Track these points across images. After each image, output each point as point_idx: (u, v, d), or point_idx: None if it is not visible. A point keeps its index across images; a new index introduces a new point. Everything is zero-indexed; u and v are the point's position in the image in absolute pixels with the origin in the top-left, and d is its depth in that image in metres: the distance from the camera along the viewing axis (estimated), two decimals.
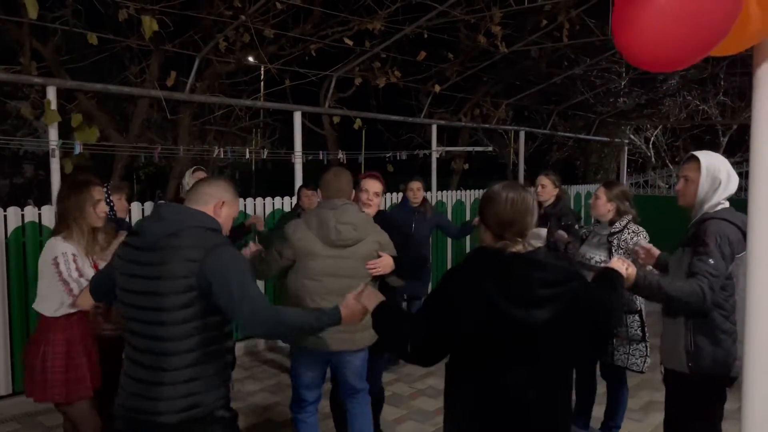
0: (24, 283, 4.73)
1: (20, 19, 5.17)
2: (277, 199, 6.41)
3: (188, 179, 4.60)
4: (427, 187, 8.36)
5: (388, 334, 2.31)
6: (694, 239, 2.85)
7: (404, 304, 5.72)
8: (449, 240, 8.28)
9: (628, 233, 3.92)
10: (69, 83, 5.29)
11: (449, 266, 8.50)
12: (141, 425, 2.23)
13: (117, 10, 5.27)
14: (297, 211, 5.32)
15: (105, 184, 3.59)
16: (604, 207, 3.95)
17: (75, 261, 3.07)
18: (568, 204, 5.52)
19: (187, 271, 2.16)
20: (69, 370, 3.11)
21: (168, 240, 2.22)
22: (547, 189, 5.13)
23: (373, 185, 3.80)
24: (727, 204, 3.00)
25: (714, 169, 2.94)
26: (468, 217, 8.78)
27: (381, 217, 3.75)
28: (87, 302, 3.03)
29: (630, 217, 3.99)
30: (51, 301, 3.09)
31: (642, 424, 4.69)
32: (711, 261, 2.73)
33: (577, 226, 5.03)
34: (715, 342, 2.83)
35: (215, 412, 2.26)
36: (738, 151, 14.61)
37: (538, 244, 2.29)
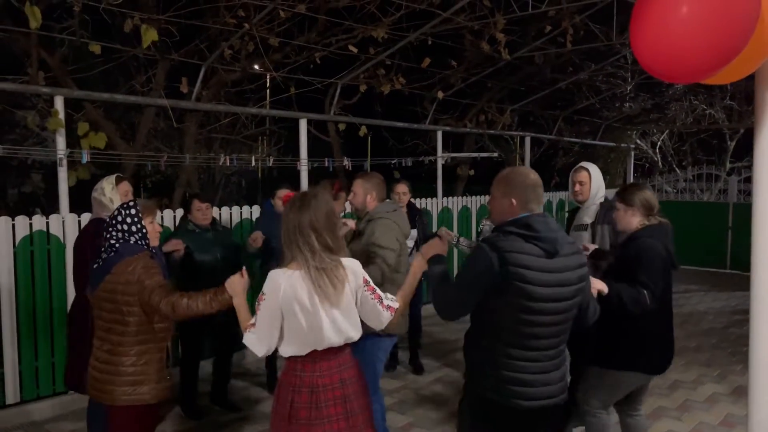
0: (32, 292, 4.75)
1: (28, 30, 5.22)
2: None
3: (110, 192, 3.72)
4: (433, 193, 8.38)
5: None
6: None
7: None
8: None
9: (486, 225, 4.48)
10: (76, 93, 5.33)
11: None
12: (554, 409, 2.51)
13: (123, 21, 5.30)
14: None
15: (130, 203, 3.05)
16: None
17: None
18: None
19: None
20: None
21: None
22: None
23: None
24: None
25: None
26: (474, 223, 8.76)
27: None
28: None
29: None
30: None
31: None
32: None
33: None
34: None
35: None
36: (746, 155, 14.53)
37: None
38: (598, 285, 2.95)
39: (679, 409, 4.87)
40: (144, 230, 2.87)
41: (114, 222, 2.85)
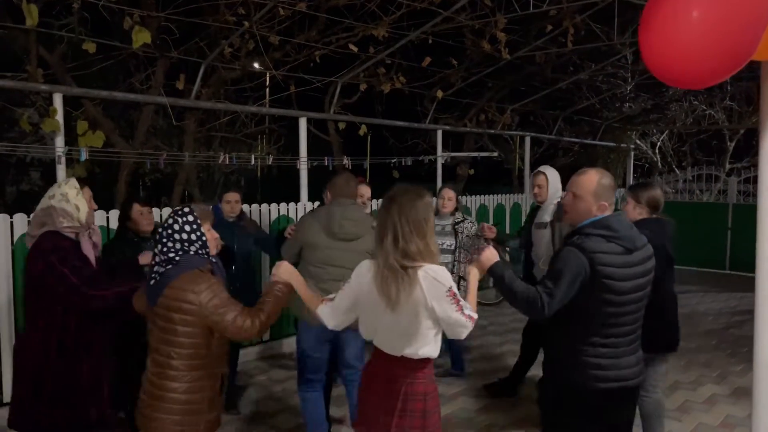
0: None
1: (26, 27, 5.20)
2: (283, 205, 6.40)
3: (75, 198, 3.06)
4: (433, 193, 8.35)
5: None
6: None
7: None
8: None
9: (468, 222, 5.24)
10: (75, 90, 5.30)
11: None
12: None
13: (122, 18, 5.28)
14: None
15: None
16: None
17: None
18: None
19: None
20: None
21: None
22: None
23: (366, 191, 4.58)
24: None
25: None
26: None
27: None
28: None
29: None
30: None
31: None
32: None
33: None
34: None
35: None
36: (745, 155, 14.53)
37: None
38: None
39: (678, 410, 4.86)
40: (204, 238, 2.59)
41: (170, 231, 2.54)
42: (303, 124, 6.73)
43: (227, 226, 4.64)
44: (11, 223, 4.65)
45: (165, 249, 2.53)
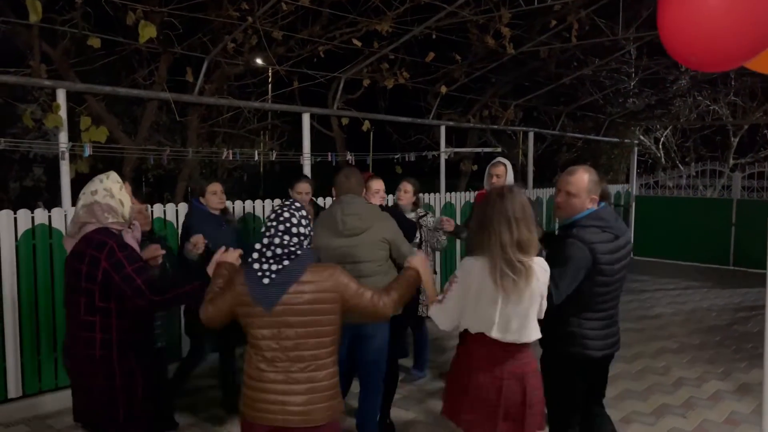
0: (34, 286, 4.74)
1: (30, 22, 5.19)
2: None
3: (119, 193, 2.89)
4: (436, 189, 8.34)
5: None
6: None
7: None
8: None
9: (429, 217, 5.27)
10: (78, 86, 5.30)
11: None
12: None
13: (126, 13, 5.27)
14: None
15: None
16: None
17: None
18: None
19: None
20: None
21: None
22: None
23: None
24: None
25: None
26: None
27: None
28: None
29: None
30: None
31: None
32: None
33: None
34: None
35: None
36: (749, 151, 14.50)
37: None
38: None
39: (683, 407, 4.85)
40: (311, 232, 2.62)
41: (288, 225, 2.50)
42: (306, 119, 6.72)
43: (214, 220, 4.47)
44: (15, 219, 4.66)
45: (282, 242, 2.47)
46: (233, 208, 5.95)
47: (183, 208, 5.59)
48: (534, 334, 2.63)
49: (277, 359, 2.46)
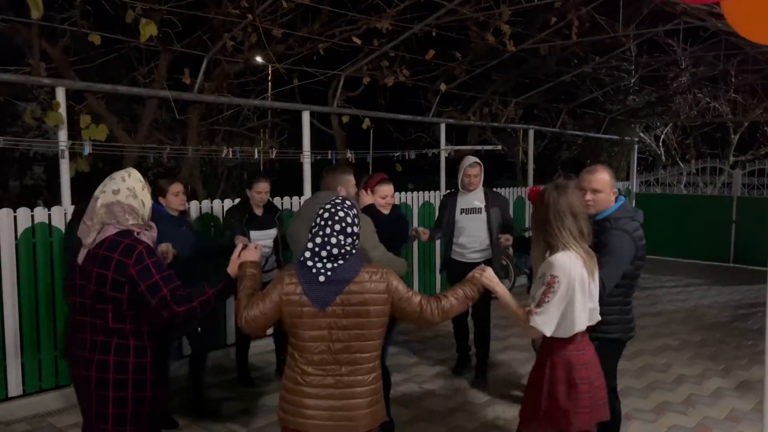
0: (34, 284, 4.73)
1: (29, 20, 5.18)
2: (286, 198, 6.39)
3: (142, 193, 2.70)
4: (436, 186, 8.33)
5: None
6: None
7: None
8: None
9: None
10: (78, 84, 5.29)
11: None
12: None
13: (125, 11, 5.26)
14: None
15: None
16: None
17: None
18: None
19: None
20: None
21: None
22: None
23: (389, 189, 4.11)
24: None
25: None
26: None
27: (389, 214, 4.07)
28: None
29: None
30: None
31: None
32: None
33: None
34: None
35: None
36: (750, 148, 14.48)
37: None
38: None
39: (684, 404, 4.85)
40: (359, 231, 2.54)
41: (344, 224, 2.45)
42: (306, 117, 6.71)
43: (173, 222, 4.33)
44: (15, 217, 4.65)
45: (339, 242, 2.42)
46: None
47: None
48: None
49: (325, 362, 2.40)
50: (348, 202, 2.54)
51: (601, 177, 3.27)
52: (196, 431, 4.38)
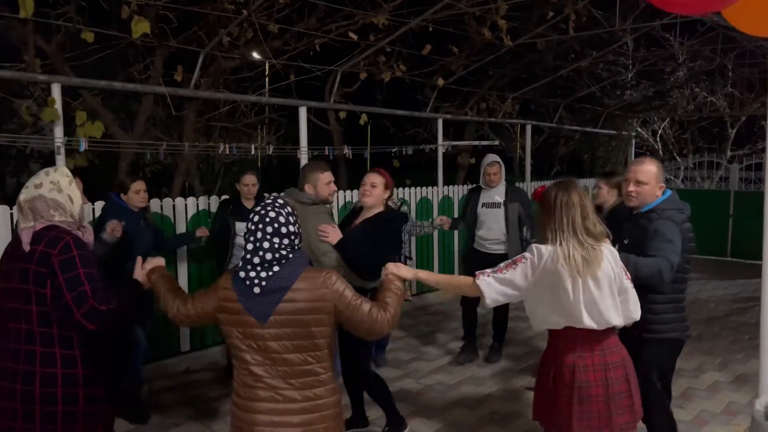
0: None
1: (24, 17, 5.15)
2: (283, 194, 6.37)
3: (68, 188, 2.52)
4: (434, 182, 8.33)
5: None
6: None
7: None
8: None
9: (404, 207, 5.65)
10: (73, 80, 5.27)
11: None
12: None
13: (120, 7, 5.23)
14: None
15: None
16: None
17: None
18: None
19: None
20: None
21: None
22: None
23: (370, 177, 3.94)
24: None
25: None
26: None
27: (379, 216, 3.87)
28: None
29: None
30: None
31: None
32: None
33: None
34: None
35: None
36: (747, 143, 14.49)
37: None
38: None
39: (681, 398, 4.85)
40: (300, 230, 2.35)
41: (276, 225, 2.25)
42: (303, 113, 6.70)
43: (132, 217, 4.40)
44: (11, 214, 4.64)
45: (272, 246, 2.23)
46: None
47: (180, 202, 5.63)
48: (618, 319, 2.66)
49: (266, 375, 2.22)
50: (279, 201, 2.33)
51: (648, 168, 3.25)
52: (196, 428, 4.39)
